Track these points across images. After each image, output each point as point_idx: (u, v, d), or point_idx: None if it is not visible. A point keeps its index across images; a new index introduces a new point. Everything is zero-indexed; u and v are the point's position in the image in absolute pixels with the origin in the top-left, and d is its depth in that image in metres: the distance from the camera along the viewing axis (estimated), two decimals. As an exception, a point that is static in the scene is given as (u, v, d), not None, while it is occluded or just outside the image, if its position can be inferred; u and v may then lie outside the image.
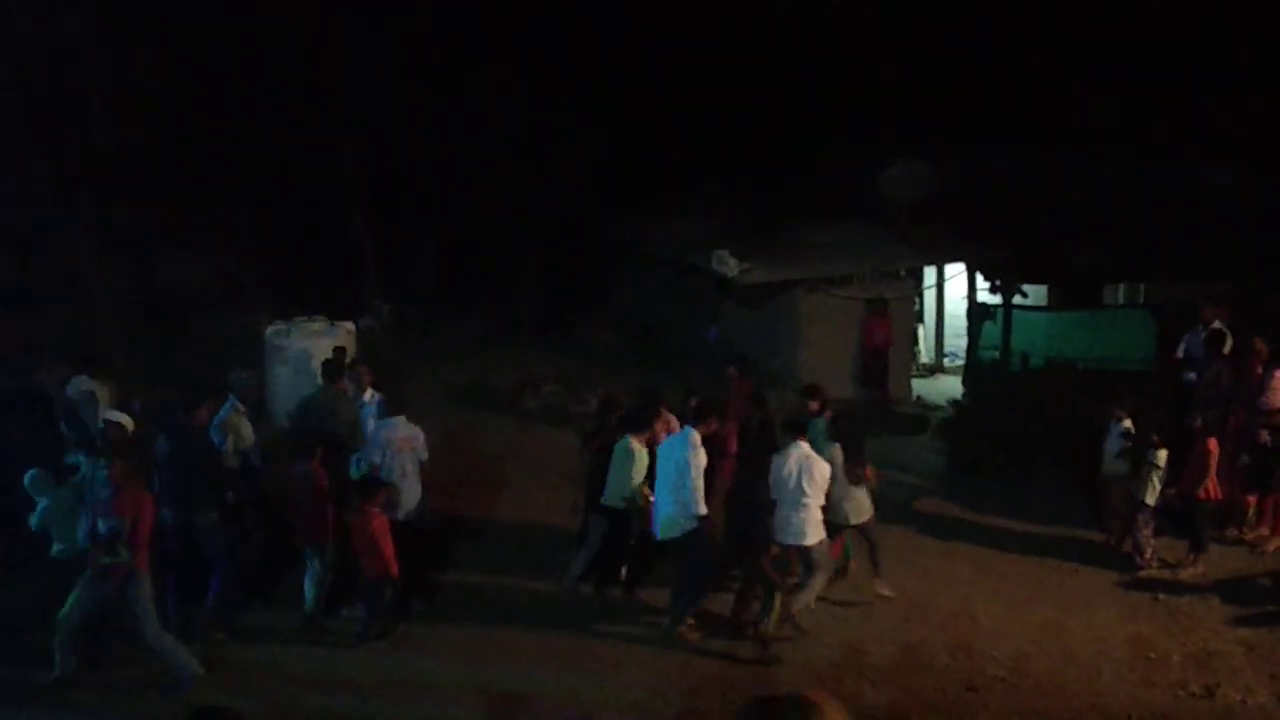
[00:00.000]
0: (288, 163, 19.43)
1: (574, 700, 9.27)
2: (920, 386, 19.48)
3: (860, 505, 10.99)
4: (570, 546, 11.45)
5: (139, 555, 9.01)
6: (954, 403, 18.04)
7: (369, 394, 11.62)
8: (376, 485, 10.34)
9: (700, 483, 10.10)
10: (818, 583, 10.52)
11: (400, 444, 10.72)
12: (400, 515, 10.61)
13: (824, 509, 10.43)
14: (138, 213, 17.57)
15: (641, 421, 10.92)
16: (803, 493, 10.21)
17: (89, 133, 17.06)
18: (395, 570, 10.04)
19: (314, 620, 10.34)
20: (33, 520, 9.87)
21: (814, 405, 11.80)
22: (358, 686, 9.39)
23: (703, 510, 10.12)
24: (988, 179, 20.68)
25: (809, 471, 10.26)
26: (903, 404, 18.35)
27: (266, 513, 11.11)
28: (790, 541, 10.36)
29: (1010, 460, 14.85)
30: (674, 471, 10.13)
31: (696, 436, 10.22)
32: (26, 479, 9.86)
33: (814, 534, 10.35)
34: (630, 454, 10.60)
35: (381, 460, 10.64)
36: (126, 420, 10.15)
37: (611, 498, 10.71)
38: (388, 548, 10.00)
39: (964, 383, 19.22)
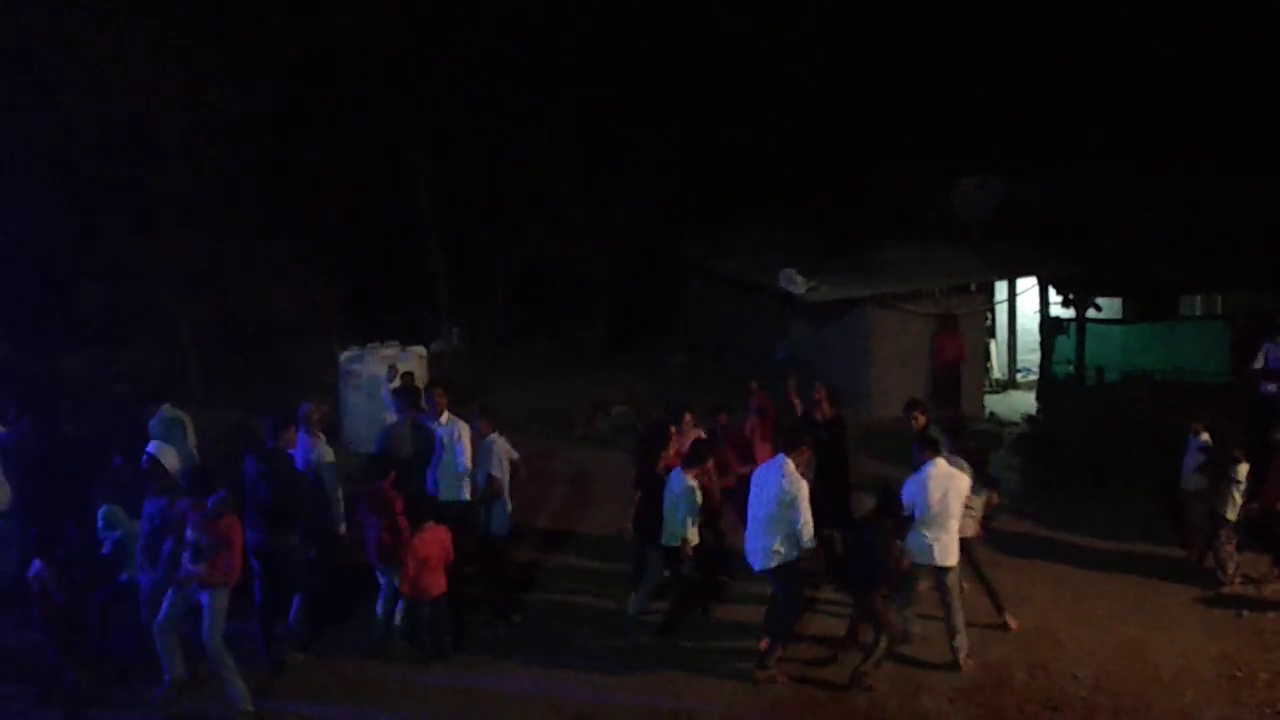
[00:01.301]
0: (362, 191, 19.77)
1: (648, 716, 9.30)
2: (993, 402, 19.32)
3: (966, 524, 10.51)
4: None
5: (216, 573, 9.22)
6: (1028, 418, 17.87)
7: (445, 416, 11.67)
8: (426, 504, 10.47)
9: (809, 512, 9.67)
10: (959, 613, 10.16)
11: (505, 457, 10.86)
12: (500, 531, 10.86)
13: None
14: (217, 243, 17.96)
15: (696, 456, 10.68)
16: (948, 513, 9.92)
17: (169, 164, 17.48)
18: (435, 591, 10.07)
19: (391, 637, 10.51)
20: (106, 549, 10.12)
21: (921, 419, 11.63)
22: (433, 698, 9.55)
23: (811, 542, 9.70)
24: (1059, 193, 20.52)
25: (956, 489, 9.99)
26: (975, 420, 18.18)
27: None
28: (930, 562, 9.99)
29: (1087, 476, 14.67)
30: (770, 501, 9.75)
31: (791, 464, 9.77)
32: (101, 514, 10.08)
33: (954, 555, 10.04)
34: (687, 493, 10.42)
35: (499, 473, 10.75)
36: (171, 457, 10.27)
37: (671, 538, 10.55)
38: (432, 567, 10.05)
39: (1038, 398, 19.04)
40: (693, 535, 10.51)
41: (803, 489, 9.70)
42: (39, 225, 17.30)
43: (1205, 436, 12.06)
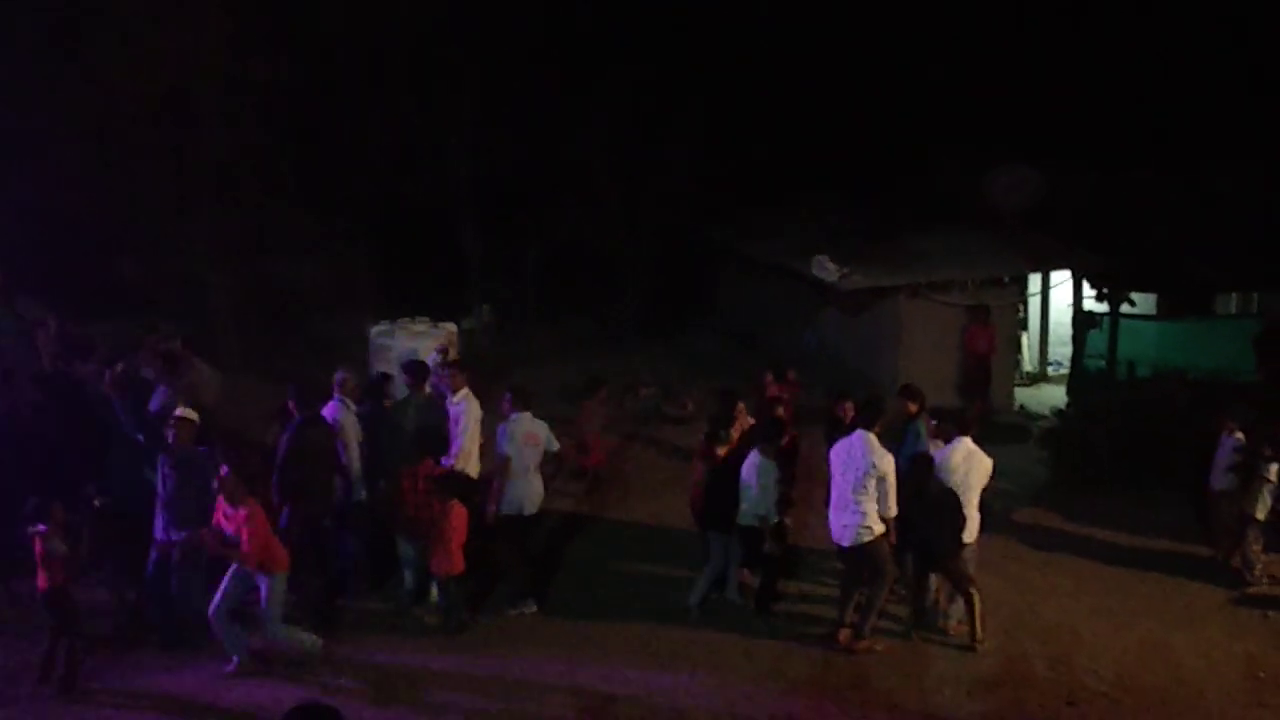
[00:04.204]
0: (397, 168, 19.82)
1: (666, 701, 9.29)
2: (1023, 395, 19.20)
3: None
4: (672, 549, 11.83)
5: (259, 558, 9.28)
6: (1057, 412, 17.75)
7: (462, 393, 11.72)
8: (454, 481, 10.52)
9: (894, 484, 9.90)
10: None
11: (524, 439, 10.73)
12: (525, 510, 10.72)
13: None
14: (253, 217, 18.05)
15: (771, 435, 10.80)
16: (969, 490, 10.22)
17: (206, 139, 17.59)
18: (458, 568, 10.22)
19: (409, 609, 10.63)
20: None
21: (912, 407, 11.67)
22: (452, 681, 9.53)
23: (894, 511, 9.92)
24: (1096, 187, 20.34)
25: (976, 469, 10.26)
26: (1004, 413, 18.09)
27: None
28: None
29: (1115, 471, 14.59)
30: (858, 476, 9.89)
31: (874, 438, 9.98)
32: None
33: (973, 533, 10.37)
34: (769, 470, 10.52)
35: (509, 450, 10.65)
36: (194, 415, 10.23)
37: (747, 517, 10.57)
38: (455, 544, 10.17)
39: (1068, 392, 18.92)
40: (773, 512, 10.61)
41: (889, 460, 9.91)
42: (75, 194, 17.43)
43: (1240, 436, 11.97)
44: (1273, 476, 11.56)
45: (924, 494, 10.13)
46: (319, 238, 18.99)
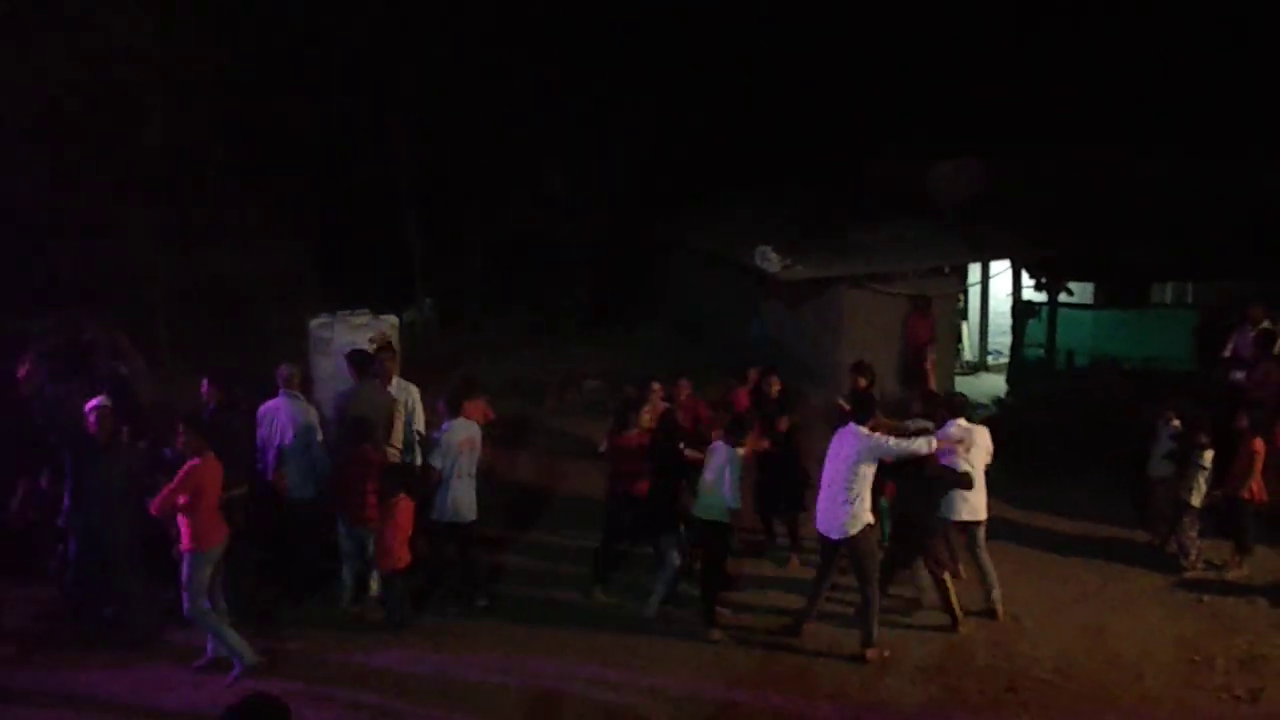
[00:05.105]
0: (338, 158, 19.60)
1: (611, 697, 9.25)
2: (963, 384, 19.36)
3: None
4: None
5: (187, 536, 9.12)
6: (997, 401, 17.94)
7: (395, 383, 11.60)
8: (401, 475, 10.42)
9: (899, 451, 9.83)
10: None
11: (460, 446, 10.57)
12: (460, 518, 10.58)
13: None
14: (192, 207, 17.78)
15: (741, 430, 10.53)
16: (973, 468, 10.46)
17: (145, 128, 17.30)
18: (403, 563, 10.13)
19: (349, 606, 10.52)
20: None
21: (862, 382, 11.70)
22: (397, 681, 9.42)
23: (921, 448, 9.86)
24: (1036, 176, 20.56)
25: (979, 446, 10.51)
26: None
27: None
28: (967, 518, 10.60)
29: (1054, 459, 14.76)
30: (848, 466, 9.77)
31: (864, 430, 9.85)
32: None
33: (982, 511, 10.64)
34: (737, 464, 10.27)
35: (441, 463, 10.54)
36: (109, 404, 9.95)
37: (711, 511, 10.30)
38: (401, 539, 10.09)
39: (1008, 381, 19.12)
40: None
41: (880, 443, 9.83)
42: (8, 183, 17.07)
43: (1177, 424, 12.16)
44: (1208, 464, 11.76)
45: (920, 475, 10.13)
46: (259, 229, 18.72)
